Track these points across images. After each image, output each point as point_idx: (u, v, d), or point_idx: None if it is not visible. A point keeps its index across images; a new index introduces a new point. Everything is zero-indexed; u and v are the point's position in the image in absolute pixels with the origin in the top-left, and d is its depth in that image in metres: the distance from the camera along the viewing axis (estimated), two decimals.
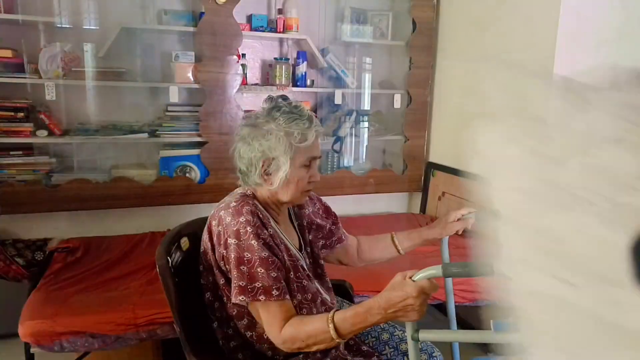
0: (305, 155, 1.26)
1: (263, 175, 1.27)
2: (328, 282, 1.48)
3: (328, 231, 1.52)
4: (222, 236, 1.23)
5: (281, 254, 1.26)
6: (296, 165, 1.25)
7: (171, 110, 2.61)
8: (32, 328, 1.70)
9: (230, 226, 1.21)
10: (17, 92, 2.37)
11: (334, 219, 1.55)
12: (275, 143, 1.23)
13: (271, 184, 1.26)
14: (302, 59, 2.82)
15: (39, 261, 2.35)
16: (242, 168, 1.30)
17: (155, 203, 2.56)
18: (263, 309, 1.20)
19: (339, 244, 1.55)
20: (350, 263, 1.60)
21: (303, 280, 1.31)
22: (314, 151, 1.28)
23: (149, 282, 2.06)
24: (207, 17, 2.49)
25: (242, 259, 1.19)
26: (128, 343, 1.82)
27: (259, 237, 1.20)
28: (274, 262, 1.21)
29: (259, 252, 1.19)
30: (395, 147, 3.16)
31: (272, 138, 1.24)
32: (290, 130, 1.24)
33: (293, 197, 1.29)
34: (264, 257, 1.19)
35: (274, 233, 1.27)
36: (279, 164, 1.24)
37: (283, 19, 2.75)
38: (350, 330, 1.14)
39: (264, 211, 1.29)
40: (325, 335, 1.13)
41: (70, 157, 2.52)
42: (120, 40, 2.50)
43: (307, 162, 1.27)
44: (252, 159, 1.26)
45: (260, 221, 1.23)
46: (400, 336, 1.45)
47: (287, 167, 1.24)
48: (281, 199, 1.30)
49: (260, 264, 1.18)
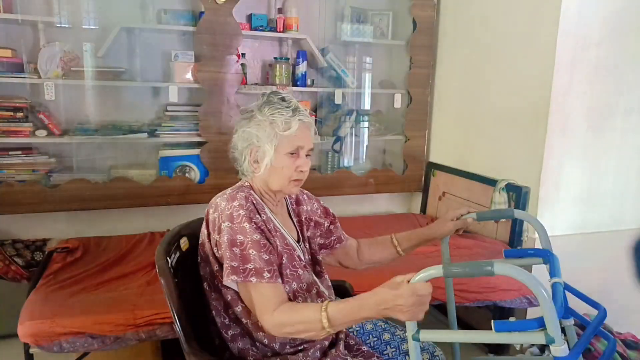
0: (290, 143, 1.30)
1: (252, 163, 1.33)
2: (327, 280, 1.49)
3: (326, 230, 1.54)
4: (217, 222, 1.28)
5: (274, 239, 1.30)
6: (280, 153, 1.30)
7: (171, 110, 2.61)
8: (31, 328, 1.70)
9: (224, 210, 1.26)
10: (17, 92, 2.37)
11: (332, 219, 1.57)
12: (260, 132, 1.29)
13: (259, 171, 1.32)
14: (302, 58, 2.82)
15: (38, 261, 2.34)
16: (238, 159, 1.37)
17: (154, 203, 2.55)
18: (255, 290, 1.23)
19: (338, 244, 1.56)
20: (351, 265, 1.61)
21: (299, 269, 1.34)
22: (299, 140, 1.31)
23: (149, 282, 2.05)
24: (206, 17, 2.49)
25: (234, 241, 1.23)
26: (127, 343, 1.82)
27: (252, 221, 1.25)
28: (266, 245, 1.25)
29: (251, 235, 1.23)
30: (395, 147, 3.15)
31: (258, 127, 1.30)
32: (274, 118, 1.29)
33: (281, 185, 1.33)
34: (256, 240, 1.23)
35: (267, 219, 1.32)
36: (265, 151, 1.30)
37: (283, 19, 2.75)
38: (342, 322, 1.16)
39: (259, 199, 1.34)
40: (317, 325, 1.15)
41: (70, 157, 2.51)
42: (120, 40, 2.50)
43: (293, 150, 1.31)
44: (243, 149, 1.33)
45: (255, 206, 1.29)
46: (402, 336, 1.45)
47: (271, 154, 1.29)
48: (272, 187, 1.34)
49: (252, 246, 1.22)
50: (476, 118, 2.75)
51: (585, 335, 1.12)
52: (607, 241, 2.47)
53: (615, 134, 2.44)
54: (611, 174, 2.47)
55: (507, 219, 2.43)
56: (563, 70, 2.26)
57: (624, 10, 2.32)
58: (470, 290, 2.16)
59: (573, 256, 2.42)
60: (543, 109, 2.29)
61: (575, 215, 2.44)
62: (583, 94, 2.33)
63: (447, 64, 3.00)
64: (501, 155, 2.58)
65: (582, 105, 2.34)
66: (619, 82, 2.38)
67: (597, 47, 2.31)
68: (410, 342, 1.10)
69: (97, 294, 1.95)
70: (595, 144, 2.41)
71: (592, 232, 2.48)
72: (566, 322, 1.42)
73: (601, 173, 2.45)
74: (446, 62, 3.01)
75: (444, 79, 3.04)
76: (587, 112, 2.35)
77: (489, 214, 1.68)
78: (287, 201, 1.49)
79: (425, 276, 1.07)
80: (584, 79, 2.31)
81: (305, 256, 1.42)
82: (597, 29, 2.29)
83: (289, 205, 1.48)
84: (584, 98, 2.33)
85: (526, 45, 2.39)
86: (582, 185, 2.43)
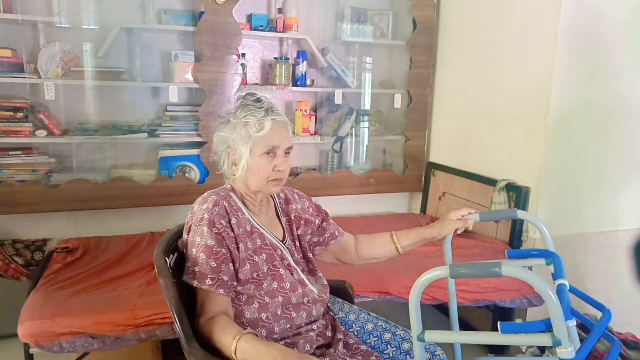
0: (265, 144, 1.32)
1: (231, 166, 1.36)
2: (322, 279, 1.49)
3: (319, 227, 1.54)
4: (188, 223, 1.34)
5: (244, 242, 1.31)
6: (255, 154, 1.32)
7: (170, 110, 2.61)
8: (31, 328, 1.70)
9: (196, 213, 1.32)
10: (17, 92, 2.37)
11: (325, 216, 1.57)
12: (234, 134, 1.33)
13: (237, 173, 1.35)
14: (302, 58, 2.82)
15: (38, 261, 2.34)
16: (217, 161, 1.40)
17: (154, 203, 2.55)
18: (198, 292, 1.29)
19: (332, 240, 1.56)
20: (349, 261, 1.61)
21: (280, 268, 1.36)
22: (273, 140, 1.33)
23: (149, 282, 2.05)
24: (206, 17, 2.49)
25: (193, 242, 1.29)
26: (127, 343, 1.82)
27: (213, 226, 1.28)
28: (218, 253, 1.27)
29: (206, 239, 1.27)
30: (395, 147, 3.15)
31: (233, 130, 1.33)
32: (247, 120, 1.32)
33: (259, 185, 1.35)
34: (210, 245, 1.27)
35: (244, 221, 1.35)
36: (241, 154, 1.33)
37: (283, 19, 2.75)
38: (245, 358, 1.15)
39: (237, 202, 1.37)
40: (229, 351, 1.16)
41: (70, 157, 2.51)
42: (120, 40, 2.50)
43: (268, 150, 1.33)
44: (220, 152, 1.37)
45: (225, 210, 1.31)
46: (402, 336, 1.45)
47: (247, 155, 1.32)
48: (251, 189, 1.37)
49: (203, 250, 1.27)
50: (476, 118, 2.75)
51: (590, 337, 1.12)
52: (607, 241, 2.48)
53: (614, 134, 2.44)
54: (611, 174, 2.47)
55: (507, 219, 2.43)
56: (563, 70, 2.26)
57: (624, 10, 2.32)
58: (470, 290, 2.16)
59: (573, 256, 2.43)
60: (543, 109, 2.29)
61: (575, 215, 2.44)
62: (583, 94, 2.33)
63: (447, 64, 3.00)
64: (501, 155, 2.58)
65: (582, 105, 2.34)
66: (619, 82, 2.38)
67: (597, 47, 2.31)
68: (415, 343, 1.10)
69: (97, 294, 1.95)
70: (595, 143, 2.41)
71: (592, 232, 2.48)
72: (569, 323, 1.42)
73: (601, 173, 2.46)
74: (446, 62, 3.01)
75: (444, 79, 3.04)
76: (587, 112, 2.35)
77: (492, 215, 1.67)
78: (276, 201, 1.50)
79: (431, 277, 1.06)
80: (584, 79, 2.31)
81: (294, 255, 1.43)
82: (597, 28, 2.29)
83: (277, 205, 1.49)
84: (583, 98, 2.33)
85: (526, 45, 2.39)
86: (582, 185, 2.43)
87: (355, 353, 1.37)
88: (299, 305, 1.35)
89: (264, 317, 1.30)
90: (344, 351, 1.36)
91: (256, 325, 1.30)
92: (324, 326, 1.42)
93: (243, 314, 1.30)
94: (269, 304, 1.31)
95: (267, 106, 1.34)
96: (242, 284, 1.31)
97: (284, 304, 1.33)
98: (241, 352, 1.14)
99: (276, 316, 1.31)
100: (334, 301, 1.60)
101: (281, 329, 1.31)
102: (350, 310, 1.55)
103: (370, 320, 1.51)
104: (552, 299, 0.97)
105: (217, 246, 1.27)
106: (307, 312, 1.36)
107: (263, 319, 1.30)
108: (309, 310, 1.37)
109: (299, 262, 1.43)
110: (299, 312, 1.35)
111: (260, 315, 1.30)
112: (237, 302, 1.31)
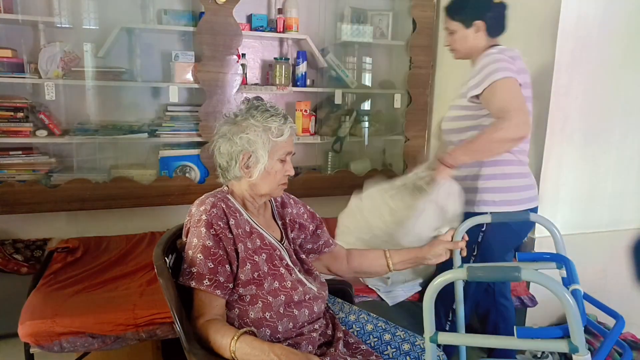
0: (282, 149, 1.36)
1: (243, 168, 1.36)
2: (320, 277, 1.50)
3: (313, 234, 1.55)
4: (187, 225, 1.35)
5: (244, 242, 1.32)
6: (273, 158, 1.35)
7: (171, 110, 2.61)
8: (31, 328, 1.70)
9: (193, 215, 1.33)
10: (17, 92, 2.37)
11: (319, 223, 1.58)
12: (254, 137, 1.33)
13: (251, 176, 1.36)
14: (302, 58, 2.82)
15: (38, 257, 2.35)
16: (222, 164, 1.40)
17: (154, 203, 2.55)
18: (195, 294, 1.28)
19: (326, 249, 1.58)
20: (339, 272, 1.62)
21: (280, 268, 1.37)
22: (289, 146, 1.38)
23: (149, 282, 2.06)
24: (206, 17, 2.49)
25: (190, 243, 1.30)
26: (128, 343, 1.82)
27: (211, 227, 1.29)
28: (216, 254, 1.28)
29: (204, 240, 1.28)
30: (395, 147, 3.16)
31: (252, 133, 1.33)
32: (268, 125, 1.33)
33: (271, 188, 1.38)
34: (208, 246, 1.27)
35: (243, 222, 1.35)
36: (258, 157, 1.34)
37: (283, 19, 2.75)
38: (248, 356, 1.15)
39: (235, 203, 1.38)
40: (227, 352, 1.17)
41: (70, 157, 2.51)
42: (120, 40, 2.50)
43: (284, 156, 1.37)
44: (233, 154, 1.35)
45: (223, 211, 1.32)
46: (402, 336, 1.45)
47: (265, 159, 1.34)
48: (260, 191, 1.38)
49: (201, 250, 1.27)
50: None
51: (605, 344, 1.11)
52: (607, 241, 2.48)
53: (614, 134, 2.44)
54: (611, 174, 2.47)
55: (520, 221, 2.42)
56: (562, 70, 2.26)
57: (624, 11, 2.32)
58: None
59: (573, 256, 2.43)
60: (543, 110, 2.29)
61: (575, 215, 2.45)
62: (582, 95, 2.33)
63: (447, 64, 3.00)
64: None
65: (582, 105, 2.34)
66: (619, 82, 2.38)
67: (596, 48, 2.31)
68: (428, 344, 1.11)
69: (97, 294, 1.95)
70: (595, 144, 2.41)
71: (592, 232, 2.48)
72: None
73: (601, 173, 2.46)
74: (446, 62, 3.01)
75: (444, 79, 3.04)
76: (586, 112, 2.36)
77: (504, 216, 1.68)
78: (273, 204, 1.51)
79: (447, 278, 1.07)
80: (584, 79, 2.31)
81: (292, 256, 1.44)
82: (596, 29, 2.29)
83: (274, 208, 1.51)
84: (583, 98, 2.33)
85: (526, 45, 2.39)
86: (582, 185, 2.43)
87: (356, 352, 1.37)
88: (300, 302, 1.36)
89: (268, 316, 1.30)
90: (344, 350, 1.36)
91: (260, 325, 1.30)
92: (325, 325, 1.42)
93: (247, 314, 1.30)
94: (272, 303, 1.31)
95: (283, 113, 1.38)
96: (243, 285, 1.31)
97: (286, 302, 1.33)
98: (241, 353, 1.14)
99: (279, 314, 1.31)
100: (333, 301, 1.60)
101: (284, 328, 1.32)
102: (350, 310, 1.56)
103: (370, 320, 1.51)
104: (572, 307, 0.97)
105: (215, 247, 1.28)
106: (309, 310, 1.37)
107: (267, 318, 1.30)
108: (311, 307, 1.37)
109: (295, 263, 1.45)
110: (301, 310, 1.35)
111: (264, 315, 1.30)
112: (241, 303, 1.31)
